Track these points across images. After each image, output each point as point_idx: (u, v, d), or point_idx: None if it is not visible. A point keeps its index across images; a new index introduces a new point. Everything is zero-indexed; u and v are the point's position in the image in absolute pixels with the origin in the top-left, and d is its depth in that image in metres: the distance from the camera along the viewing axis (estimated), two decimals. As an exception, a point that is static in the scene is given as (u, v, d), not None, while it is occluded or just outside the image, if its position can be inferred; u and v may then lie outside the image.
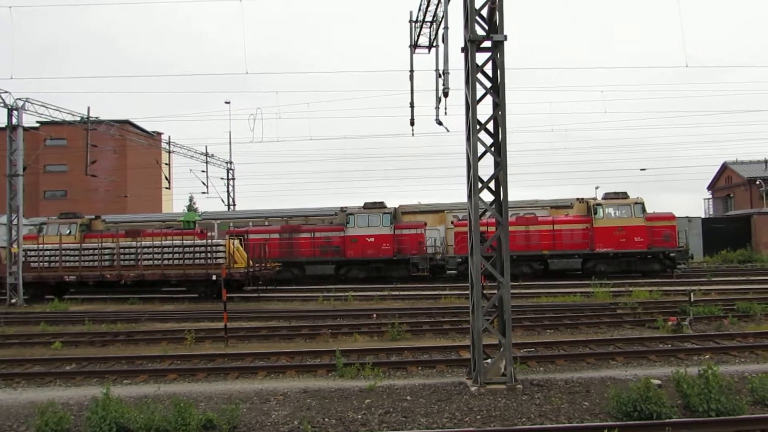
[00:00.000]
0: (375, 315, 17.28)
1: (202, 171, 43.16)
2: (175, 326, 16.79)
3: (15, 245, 25.26)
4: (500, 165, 9.39)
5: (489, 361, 9.37)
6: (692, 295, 15.62)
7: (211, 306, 21.39)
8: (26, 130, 27.10)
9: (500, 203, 9.48)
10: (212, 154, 44.40)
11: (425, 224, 29.77)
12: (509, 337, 9.19)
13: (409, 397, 8.83)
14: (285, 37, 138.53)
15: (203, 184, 43.02)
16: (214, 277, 22.77)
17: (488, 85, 9.52)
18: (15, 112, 25.42)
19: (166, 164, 42.24)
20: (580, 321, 15.45)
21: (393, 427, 7.65)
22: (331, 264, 28.94)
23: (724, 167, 51.48)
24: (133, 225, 31.84)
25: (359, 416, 8.09)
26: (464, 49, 9.47)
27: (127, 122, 47.31)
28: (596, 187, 38.14)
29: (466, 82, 9.43)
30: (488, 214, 9.86)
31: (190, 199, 60.70)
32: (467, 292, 9.99)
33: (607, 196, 27.97)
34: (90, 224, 30.94)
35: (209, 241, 25.28)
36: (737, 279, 25.14)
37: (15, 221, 25.56)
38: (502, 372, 9.19)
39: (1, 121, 27.40)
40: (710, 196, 54.36)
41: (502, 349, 9.26)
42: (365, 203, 29.65)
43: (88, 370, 11.35)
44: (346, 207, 30.28)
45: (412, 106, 15.28)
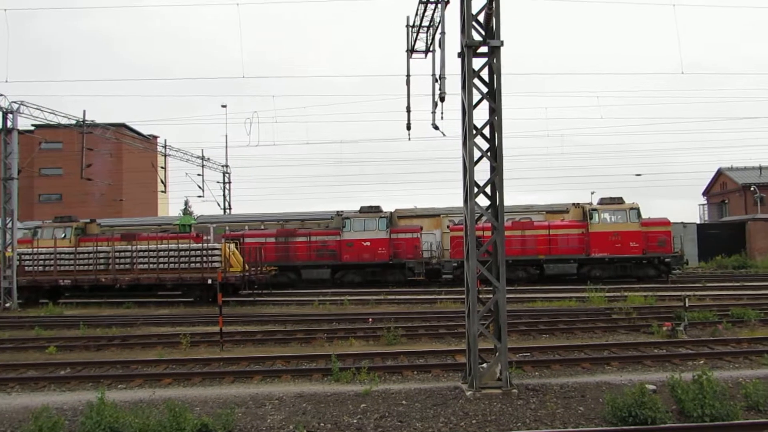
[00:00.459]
0: (371, 319, 17.27)
1: (198, 175, 43.11)
2: (170, 330, 16.75)
3: (9, 249, 25.17)
4: (496, 170, 9.41)
5: (485, 365, 9.38)
6: (687, 300, 15.66)
7: (207, 310, 21.35)
8: (21, 133, 27.04)
9: (496, 208, 9.50)
10: (208, 158, 44.37)
11: (421, 228, 29.80)
12: (505, 341, 9.20)
13: (404, 402, 8.83)
14: (282, 41, 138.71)
15: (199, 187, 42.96)
16: (209, 281, 22.70)
17: (484, 90, 9.55)
18: (10, 115, 25.39)
19: (161, 168, 42.16)
20: (575, 326, 15.47)
21: (388, 432, 7.65)
22: (327, 268, 28.93)
23: (719, 173, 51.69)
24: (128, 228, 31.76)
25: (355, 421, 8.08)
26: (461, 55, 9.50)
27: (123, 126, 47.28)
28: (592, 192, 38.22)
29: (463, 87, 9.46)
30: (484, 218, 9.89)
31: (186, 203, 60.73)
32: (463, 296, 10.00)
33: (603, 201, 28.06)
34: (85, 228, 30.88)
35: (205, 244, 25.22)
36: (732, 285, 25.21)
37: (9, 225, 25.49)
38: (497, 376, 9.19)
39: (-3, 124, 27.33)
40: (705, 202, 54.56)
41: (497, 354, 9.27)
42: (361, 207, 29.67)
43: (82, 375, 11.31)
44: (342, 211, 30.28)
45: (408, 110, 15.28)
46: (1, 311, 23.11)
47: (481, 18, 9.62)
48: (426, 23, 13.84)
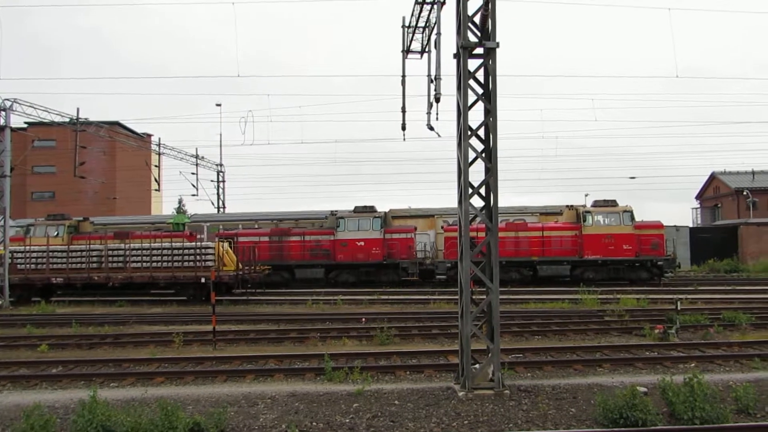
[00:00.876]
0: (364, 319, 17.28)
1: (192, 173, 43.02)
2: (163, 329, 16.71)
3: (1, 247, 25.04)
4: (491, 171, 9.44)
5: (477, 366, 9.41)
6: (679, 303, 15.71)
7: (200, 309, 21.31)
8: (14, 130, 26.92)
9: (490, 209, 9.53)
10: (202, 157, 44.28)
11: (415, 229, 29.82)
12: (497, 342, 9.23)
13: (397, 402, 8.84)
14: (277, 40, 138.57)
15: (193, 186, 42.88)
16: (203, 280, 22.69)
17: (480, 91, 9.58)
18: (2, 113, 25.25)
19: (155, 166, 42.05)
20: (568, 327, 15.52)
21: (381, 432, 7.66)
22: (321, 268, 28.91)
23: (713, 177, 51.94)
24: (121, 227, 31.65)
25: (347, 420, 8.09)
26: (456, 56, 9.52)
27: (117, 124, 47.13)
28: (586, 195, 38.47)
29: (458, 88, 9.49)
30: (478, 219, 9.91)
31: (180, 202, 60.57)
32: (456, 297, 10.02)
33: (597, 203, 28.14)
34: (78, 226, 30.74)
35: (198, 243, 25.17)
36: (723, 288, 25.33)
37: (2, 222, 25.36)
38: (489, 377, 9.22)
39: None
40: (698, 206, 54.80)
41: (490, 355, 9.29)
42: (355, 207, 29.67)
43: (74, 373, 11.27)
44: (336, 211, 30.26)
45: (403, 110, 15.26)
46: (-8, 309, 22.99)
47: (477, 19, 9.65)
48: (422, 24, 13.83)
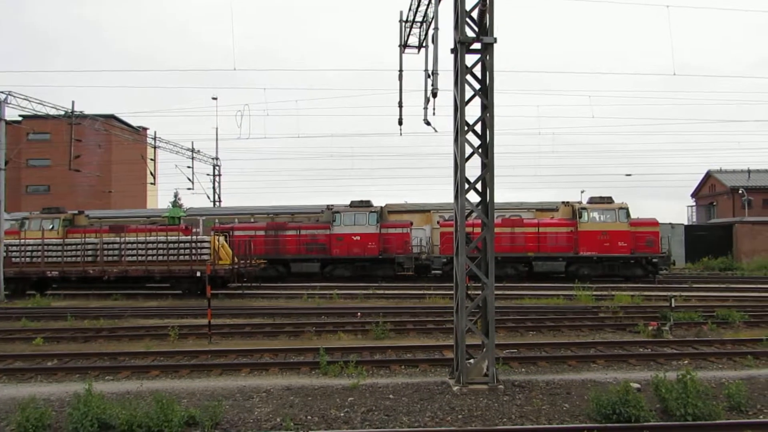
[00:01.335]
0: (359, 313, 17.30)
1: (188, 167, 42.97)
2: (158, 323, 16.70)
3: (-4, 239, 24.96)
4: (487, 166, 9.45)
5: (472, 361, 9.43)
6: (673, 300, 15.78)
7: (195, 302, 21.29)
8: (8, 123, 26.77)
9: (486, 205, 9.54)
10: (198, 150, 44.23)
11: (411, 224, 29.87)
12: (492, 337, 9.26)
13: (391, 396, 8.87)
14: (274, 33, 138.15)
15: (189, 180, 42.85)
16: (198, 274, 22.68)
17: (477, 86, 9.58)
18: (-3, 105, 25.13)
19: (151, 160, 41.98)
20: (562, 323, 15.57)
21: (375, 426, 7.68)
22: (317, 262, 28.94)
23: (708, 176, 52.11)
24: (117, 220, 31.61)
25: (342, 414, 8.12)
26: (454, 51, 9.52)
27: (112, 117, 46.95)
28: (582, 191, 38.50)
29: (455, 84, 9.48)
30: (474, 215, 9.92)
31: (175, 195, 60.19)
32: (452, 292, 10.05)
33: (593, 200, 28.22)
34: (73, 219, 30.69)
35: (194, 237, 25.15)
36: (718, 286, 25.42)
37: (-4, 215, 25.25)
38: (484, 372, 9.25)
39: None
40: (694, 204, 54.99)
41: (484, 350, 9.32)
42: (352, 202, 29.68)
43: (69, 366, 11.25)
44: (332, 205, 30.27)
45: (400, 105, 15.30)
46: (-13, 301, 22.92)
47: (475, 14, 9.64)
48: (419, 18, 13.85)
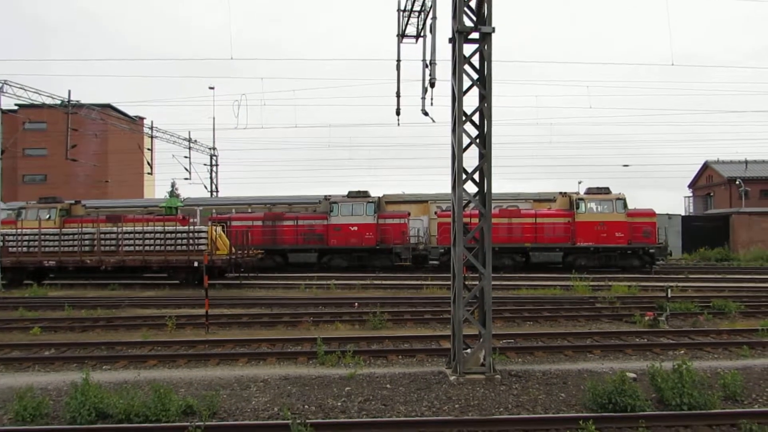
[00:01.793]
0: (357, 304, 17.33)
1: (185, 157, 42.91)
2: (155, 312, 16.72)
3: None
4: (485, 157, 9.44)
5: (469, 351, 9.46)
6: (669, 291, 15.83)
7: (193, 292, 21.31)
8: (4, 113, 26.67)
9: (484, 195, 9.54)
10: (195, 140, 44.14)
11: (409, 214, 29.85)
12: (489, 327, 9.28)
13: (388, 386, 8.90)
14: (271, 23, 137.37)
15: (186, 170, 42.76)
16: (195, 264, 22.67)
17: (475, 76, 9.54)
18: (-7, 94, 25.02)
19: (148, 149, 41.84)
20: (559, 314, 15.61)
21: (372, 415, 7.71)
22: (314, 252, 28.92)
23: (706, 166, 52.12)
24: (114, 210, 31.54)
25: (339, 403, 8.14)
26: (452, 40, 9.47)
27: (109, 106, 46.76)
28: (579, 182, 38.56)
29: (453, 73, 9.45)
30: (472, 205, 9.92)
31: (173, 185, 60.34)
32: (449, 282, 10.06)
33: (590, 191, 28.21)
34: (70, 209, 30.58)
35: (191, 227, 25.12)
36: (714, 277, 25.51)
37: (-7, 204, 25.21)
38: (481, 362, 9.28)
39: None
40: (691, 194, 55.05)
41: (481, 340, 9.35)
42: (349, 192, 29.64)
43: (67, 356, 11.27)
44: (329, 195, 30.22)
45: (398, 95, 15.23)
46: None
47: (473, 4, 9.59)
48: (417, 8, 13.76)
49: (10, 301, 19.50)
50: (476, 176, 9.62)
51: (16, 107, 37.26)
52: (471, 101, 9.57)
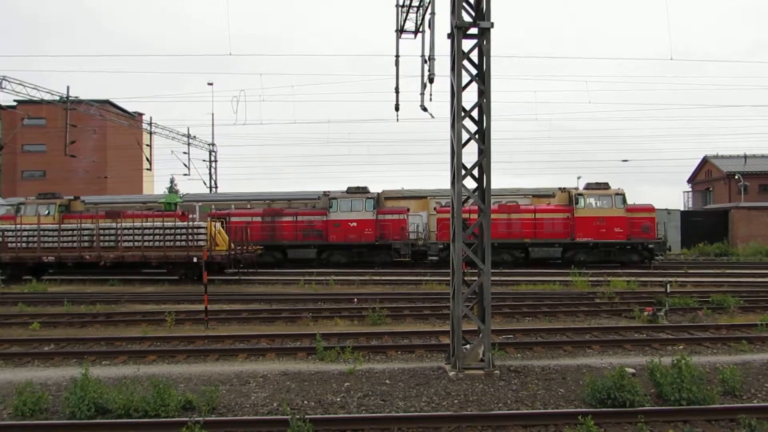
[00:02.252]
0: (356, 299, 17.34)
1: (184, 153, 42.90)
2: (155, 308, 16.73)
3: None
4: (484, 152, 9.42)
5: (468, 346, 9.47)
6: (669, 286, 15.88)
7: (192, 288, 21.31)
8: (3, 108, 26.65)
9: (483, 191, 9.53)
10: (194, 136, 44.13)
11: (408, 210, 29.86)
12: (488, 323, 9.29)
13: (388, 381, 8.91)
14: (270, 18, 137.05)
15: (185, 166, 42.77)
16: (195, 260, 22.66)
17: (474, 72, 9.52)
18: (-8, 90, 24.98)
19: (147, 145, 41.81)
20: (558, 309, 15.63)
21: (371, 410, 7.71)
22: (313, 248, 28.93)
23: (705, 161, 52.13)
24: (113, 206, 31.52)
25: (338, 399, 8.15)
26: (450, 36, 9.45)
27: (108, 102, 46.67)
28: (578, 177, 38.50)
29: (452, 69, 9.43)
30: (471, 201, 9.91)
31: (171, 181, 60.19)
32: (448, 278, 10.06)
33: (589, 186, 28.21)
34: (69, 205, 30.56)
35: (190, 223, 25.11)
36: (713, 272, 25.54)
37: (-8, 200, 25.18)
38: (480, 358, 9.29)
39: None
40: (690, 189, 55.07)
41: (481, 335, 9.36)
42: (348, 188, 29.63)
43: (66, 351, 11.27)
44: (329, 191, 30.21)
45: (397, 91, 15.20)
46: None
47: (472, -1, 9.56)
48: (416, 3, 13.71)
49: (9, 296, 19.49)
50: (475, 172, 9.62)
51: (14, 103, 37.19)
52: (470, 97, 9.55)
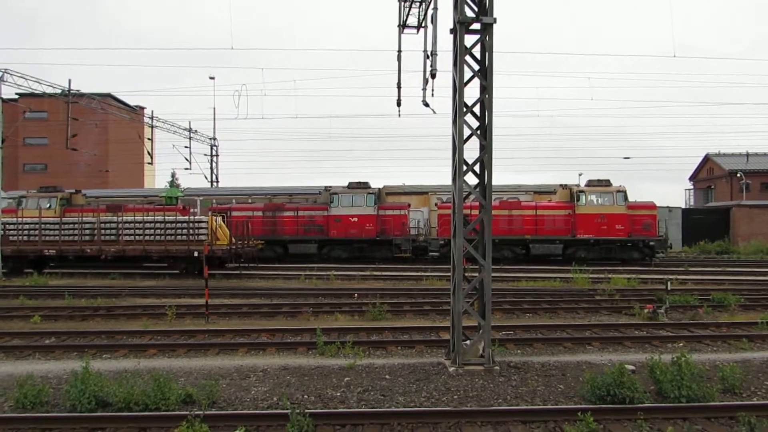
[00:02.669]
0: (356, 294, 17.35)
1: (185, 147, 42.84)
2: (155, 302, 16.75)
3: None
4: (485, 148, 9.41)
5: (468, 342, 9.48)
6: (669, 283, 15.85)
7: (193, 282, 21.34)
8: (4, 102, 26.60)
9: (484, 187, 9.52)
10: (196, 130, 44.04)
11: (409, 205, 29.84)
12: (488, 319, 9.29)
13: (387, 376, 8.92)
14: (272, 12, 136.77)
15: (186, 160, 42.70)
16: (195, 254, 22.68)
17: (476, 67, 9.50)
18: (-7, 83, 24.94)
19: (148, 139, 41.79)
20: (558, 306, 15.63)
21: (371, 405, 7.73)
22: (314, 243, 28.94)
23: (707, 159, 52.06)
24: (114, 200, 31.53)
25: (338, 394, 8.17)
26: (453, 31, 9.43)
27: (109, 96, 46.63)
28: (580, 174, 38.46)
29: (454, 64, 9.41)
30: (472, 197, 9.91)
31: (173, 175, 60.35)
32: (449, 274, 10.06)
33: (590, 183, 28.18)
34: (70, 198, 30.57)
35: (191, 217, 25.11)
36: (714, 270, 25.52)
37: (-7, 193, 25.20)
38: (480, 353, 9.30)
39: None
40: (691, 187, 55.01)
41: (481, 331, 9.37)
42: (349, 183, 29.61)
43: (67, 344, 11.30)
44: (330, 186, 30.20)
45: (399, 86, 15.19)
46: (-16, 280, 22.94)
47: (475, -5, 9.53)
48: (419, -2, 13.66)
49: (10, 289, 19.54)
50: (477, 168, 9.60)
51: (16, 96, 37.18)
52: (472, 92, 9.55)
